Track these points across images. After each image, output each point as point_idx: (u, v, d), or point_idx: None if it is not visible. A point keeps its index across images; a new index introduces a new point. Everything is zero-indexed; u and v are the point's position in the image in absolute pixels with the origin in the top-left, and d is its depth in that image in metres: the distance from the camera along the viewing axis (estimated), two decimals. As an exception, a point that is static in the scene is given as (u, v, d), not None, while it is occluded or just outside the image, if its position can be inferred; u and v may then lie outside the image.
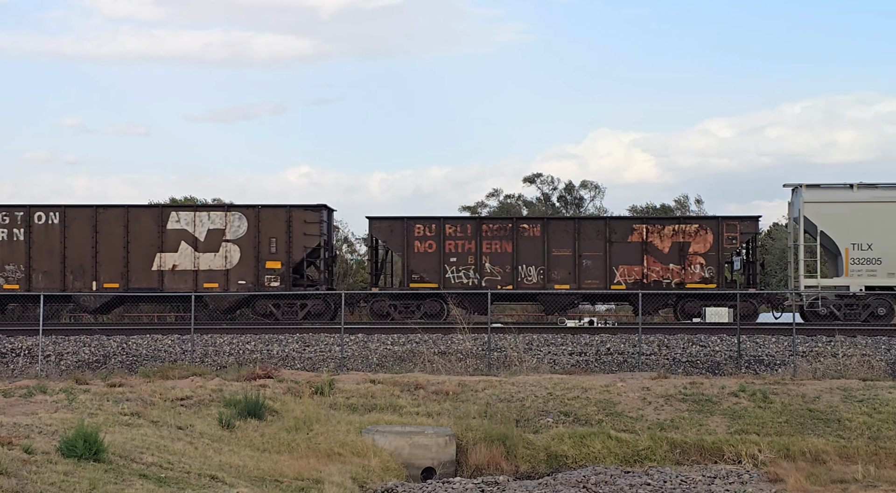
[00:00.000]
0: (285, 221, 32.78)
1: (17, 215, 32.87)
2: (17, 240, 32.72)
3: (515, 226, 32.97)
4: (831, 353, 25.89)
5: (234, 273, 32.66)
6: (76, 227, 32.79)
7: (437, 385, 21.77)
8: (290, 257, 32.75)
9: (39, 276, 32.68)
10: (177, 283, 32.62)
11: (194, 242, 32.73)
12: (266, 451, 16.99)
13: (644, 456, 18.58)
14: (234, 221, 32.77)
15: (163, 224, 32.76)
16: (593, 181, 66.03)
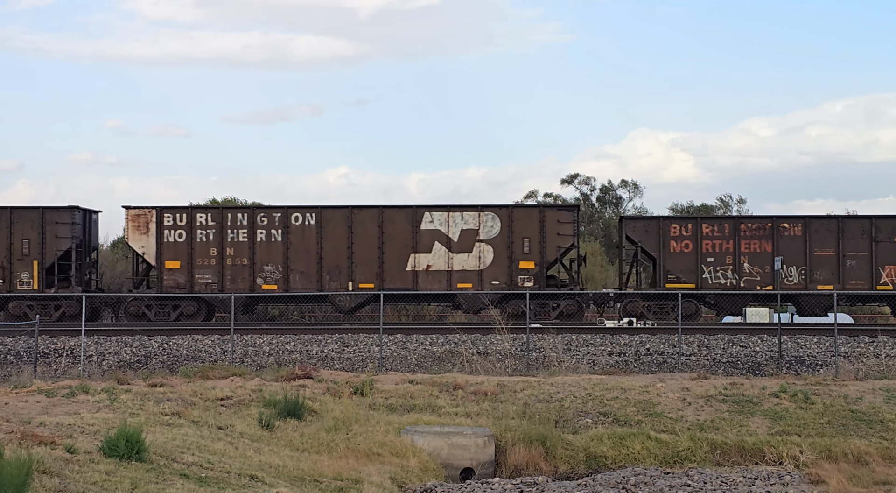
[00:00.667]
0: (538, 221, 32.80)
1: (274, 216, 33.17)
2: (275, 241, 33.04)
3: (775, 225, 32.79)
4: (874, 353, 25.65)
5: (487, 273, 32.70)
6: (332, 228, 33.03)
7: (475, 386, 21.77)
8: (543, 257, 32.75)
9: (297, 276, 33.01)
10: (430, 283, 32.76)
11: (448, 242, 32.83)
12: (305, 451, 17.04)
13: (684, 457, 18.48)
14: (487, 221, 32.81)
15: (416, 224, 32.87)
16: (632, 181, 65.74)
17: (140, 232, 33.21)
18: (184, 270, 33.01)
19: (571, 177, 65.69)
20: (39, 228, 33.20)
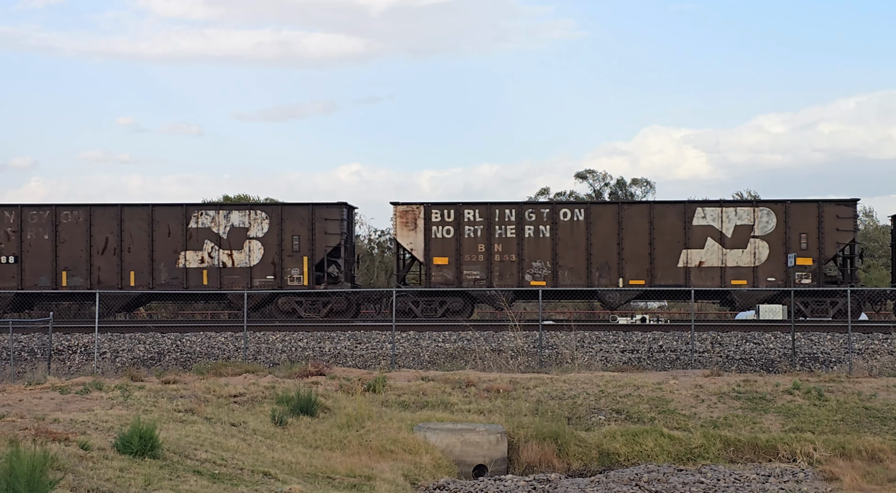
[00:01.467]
0: (816, 216, 32.33)
1: (542, 212, 33.14)
2: (543, 237, 32.94)
3: None
4: (888, 350, 25.57)
5: (762, 270, 32.35)
6: (600, 224, 32.91)
7: (488, 383, 21.76)
8: (821, 253, 32.30)
9: (565, 272, 32.94)
10: (703, 280, 32.52)
11: (721, 238, 32.60)
12: (318, 448, 17.06)
13: (697, 454, 18.45)
14: (762, 216, 32.49)
15: (688, 220, 32.63)
16: (645, 177, 65.67)
17: (408, 228, 33.16)
18: (451, 266, 32.87)
19: (587, 172, 65.67)
20: (309, 224, 33.12)
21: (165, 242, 32.64)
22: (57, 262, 32.79)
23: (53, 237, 32.76)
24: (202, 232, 32.69)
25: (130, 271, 32.58)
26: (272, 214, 32.90)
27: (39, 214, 33.01)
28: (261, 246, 32.75)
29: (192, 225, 32.68)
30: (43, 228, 32.83)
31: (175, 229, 32.62)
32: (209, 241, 32.74)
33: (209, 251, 32.64)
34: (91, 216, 32.75)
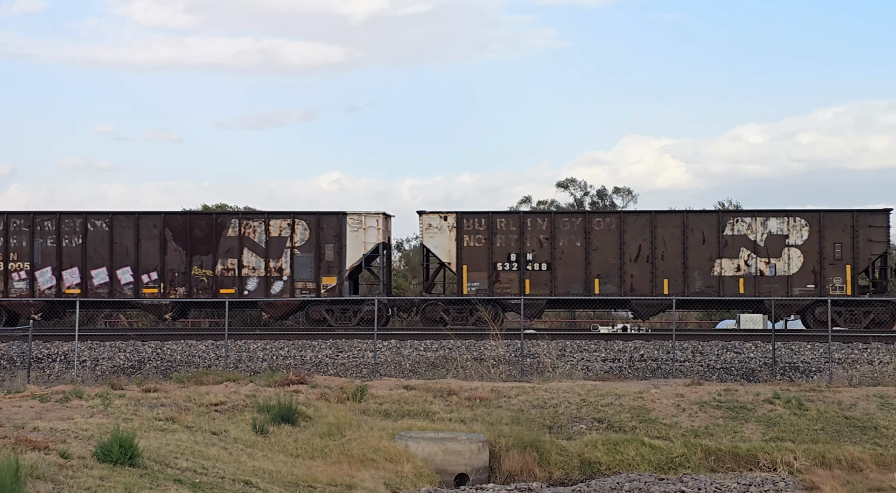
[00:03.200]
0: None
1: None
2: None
3: None
4: (867, 360, 25.68)
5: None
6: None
7: (469, 391, 21.76)
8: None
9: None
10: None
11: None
12: (299, 456, 17.03)
13: (678, 463, 18.48)
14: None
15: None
16: (626, 187, 65.81)
17: None
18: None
19: (568, 181, 65.76)
20: (852, 232, 32.16)
21: (699, 249, 32.24)
22: (589, 269, 32.44)
23: (585, 245, 32.45)
24: (738, 239, 32.25)
25: (664, 278, 32.28)
26: (811, 221, 32.37)
27: (571, 222, 32.66)
28: (800, 254, 32.46)
29: (727, 232, 32.31)
30: (575, 235, 32.44)
31: (710, 237, 32.28)
32: (745, 248, 32.21)
33: (745, 259, 32.29)
34: (623, 223, 32.35)
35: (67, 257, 32.50)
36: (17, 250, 32.52)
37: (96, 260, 32.45)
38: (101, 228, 32.53)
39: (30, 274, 32.45)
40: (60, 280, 32.45)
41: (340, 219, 32.57)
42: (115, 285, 32.42)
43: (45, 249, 32.52)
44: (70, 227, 32.53)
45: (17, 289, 32.50)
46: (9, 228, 32.51)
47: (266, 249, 32.48)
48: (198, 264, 32.45)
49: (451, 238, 32.18)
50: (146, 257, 32.44)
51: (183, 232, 32.57)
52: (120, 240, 32.51)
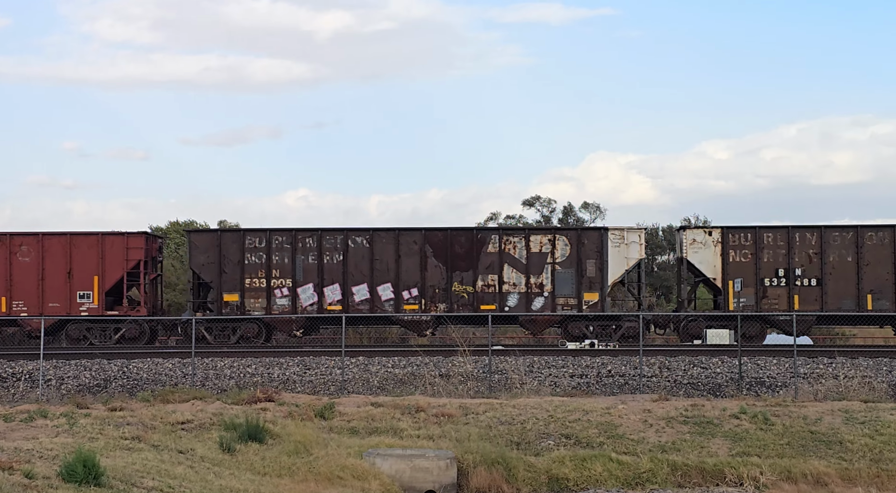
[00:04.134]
0: None
1: None
2: None
3: None
4: (832, 375, 25.87)
5: None
6: None
7: (437, 408, 21.75)
8: None
9: None
10: None
11: None
12: (267, 475, 16.95)
13: (645, 479, 18.55)
14: None
15: None
16: (594, 203, 66.06)
17: None
18: None
19: (534, 198, 65.94)
20: None
21: None
22: (861, 284, 32.10)
23: (857, 259, 32.13)
24: None
25: None
26: None
27: (842, 236, 32.40)
28: None
29: None
30: (846, 249, 32.20)
31: None
32: None
33: None
34: None
35: (329, 273, 32.76)
36: (280, 266, 32.82)
37: (357, 276, 32.82)
38: (361, 245, 32.90)
39: (291, 290, 32.79)
40: (322, 297, 32.74)
41: (602, 234, 32.84)
42: (375, 301, 32.74)
43: (307, 265, 32.86)
44: (331, 243, 32.90)
45: (280, 305, 32.80)
46: (271, 245, 32.87)
47: (527, 265, 32.65)
48: (458, 280, 32.77)
49: (716, 253, 32.38)
50: (406, 273, 32.73)
51: (443, 248, 32.86)
52: (380, 256, 32.84)
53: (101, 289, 32.86)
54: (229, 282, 32.87)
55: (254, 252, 32.83)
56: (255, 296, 32.80)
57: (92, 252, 32.99)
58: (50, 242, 33.05)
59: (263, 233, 33.02)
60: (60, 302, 32.82)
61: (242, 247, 32.86)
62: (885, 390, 24.49)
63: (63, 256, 32.96)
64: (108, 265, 32.97)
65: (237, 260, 32.86)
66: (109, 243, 33.08)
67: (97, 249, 33.01)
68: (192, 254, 33.42)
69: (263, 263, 32.77)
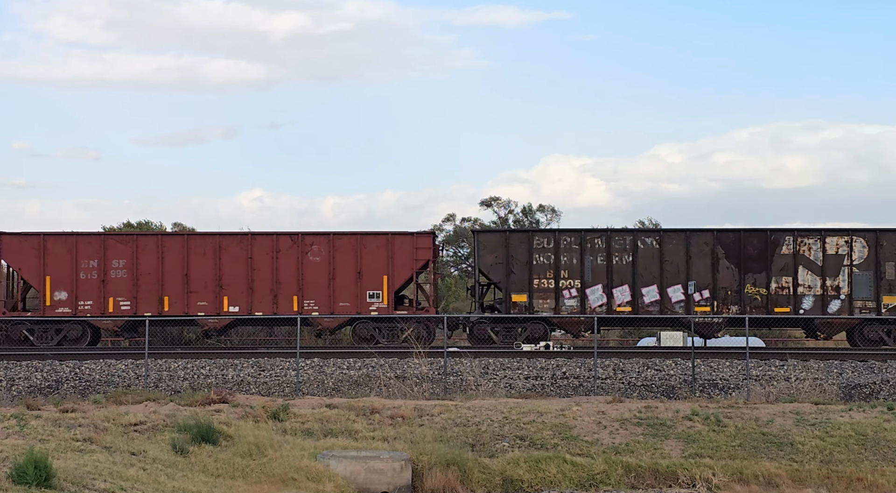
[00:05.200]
0: None
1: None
2: None
3: None
4: (784, 377, 26.11)
5: None
6: None
7: (392, 410, 21.74)
8: None
9: None
10: None
11: None
12: (220, 476, 16.86)
13: (599, 480, 18.64)
14: None
15: None
16: (550, 205, 66.32)
17: None
18: None
19: (491, 199, 66.07)
20: None
21: None
22: None
23: None
24: None
25: None
26: None
27: None
28: None
29: None
30: None
31: None
32: None
33: None
34: None
35: (618, 274, 32.65)
36: (568, 267, 32.69)
37: (647, 278, 32.64)
38: (651, 246, 32.76)
39: (580, 291, 32.69)
40: (611, 298, 32.64)
41: None
42: (665, 302, 32.57)
43: (596, 266, 32.74)
44: (620, 244, 32.78)
45: (568, 306, 32.73)
46: (559, 246, 32.78)
47: (822, 267, 32.41)
48: (750, 282, 32.50)
49: None
50: (697, 275, 32.48)
51: (734, 250, 32.63)
52: (670, 257, 32.67)
53: (391, 288, 32.97)
54: (517, 282, 32.92)
55: (542, 253, 32.92)
56: (544, 296, 32.82)
57: (381, 252, 33.02)
58: (340, 242, 33.05)
59: (551, 233, 33.22)
60: (350, 301, 32.85)
61: (530, 247, 32.95)
62: (836, 393, 24.76)
63: (353, 255, 33.01)
64: (397, 265, 33.01)
65: (525, 260, 32.93)
66: (399, 243, 33.08)
67: (386, 248, 33.04)
68: (480, 254, 33.47)
69: (552, 263, 32.84)
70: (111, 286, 32.72)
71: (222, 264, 32.87)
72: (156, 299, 32.80)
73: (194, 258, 32.88)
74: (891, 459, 19.42)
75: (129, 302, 32.75)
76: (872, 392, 25.73)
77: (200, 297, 32.82)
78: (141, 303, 32.72)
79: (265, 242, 33.04)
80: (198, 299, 32.81)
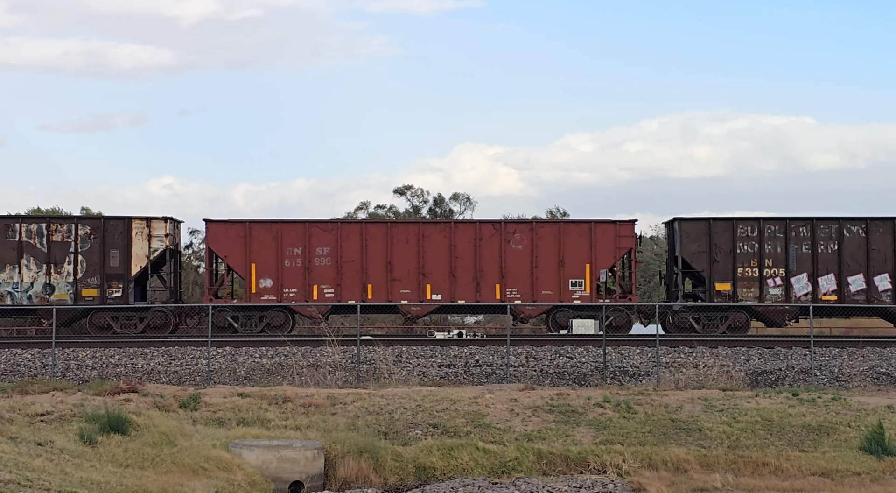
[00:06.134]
0: None
1: None
2: None
3: None
4: (693, 364, 26.51)
5: None
6: None
7: (305, 398, 21.65)
8: None
9: None
10: None
11: None
12: (129, 466, 16.65)
13: (511, 467, 18.76)
14: None
15: None
16: (464, 194, 66.46)
17: None
18: None
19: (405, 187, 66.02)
20: None
21: None
22: None
23: None
24: None
25: None
26: None
27: None
28: None
29: None
30: None
31: None
32: None
33: None
34: None
35: (823, 263, 32.40)
36: (772, 255, 32.43)
37: (853, 266, 32.41)
38: (857, 234, 32.57)
39: (784, 280, 32.42)
40: (816, 287, 32.34)
41: None
42: (871, 291, 32.42)
43: (800, 255, 32.38)
44: (825, 233, 32.59)
45: (773, 295, 32.45)
46: (763, 234, 32.48)
47: None
48: None
49: None
50: None
51: None
52: (877, 246, 32.49)
53: (593, 277, 32.77)
54: (720, 271, 32.75)
55: (745, 241, 32.77)
56: (748, 285, 32.67)
57: (583, 240, 32.86)
58: (542, 230, 33.05)
59: (755, 222, 32.91)
60: (553, 290, 32.64)
61: (734, 236, 32.78)
62: (743, 379, 25.22)
63: (555, 243, 32.84)
64: (599, 253, 32.81)
65: (728, 249, 32.77)
66: (601, 231, 32.89)
67: (588, 237, 32.86)
68: (682, 243, 33.15)
69: (755, 252, 32.66)
70: (315, 274, 32.76)
71: (424, 251, 33.03)
72: (359, 287, 32.90)
73: (396, 246, 33.01)
74: (795, 444, 19.86)
75: (332, 289, 32.81)
76: (778, 379, 26.25)
77: (403, 284, 32.95)
78: (345, 290, 32.80)
79: (467, 230, 33.28)
80: (400, 287, 32.93)
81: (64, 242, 32.42)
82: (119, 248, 32.54)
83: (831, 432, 20.28)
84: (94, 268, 32.51)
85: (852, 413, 21.06)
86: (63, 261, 32.46)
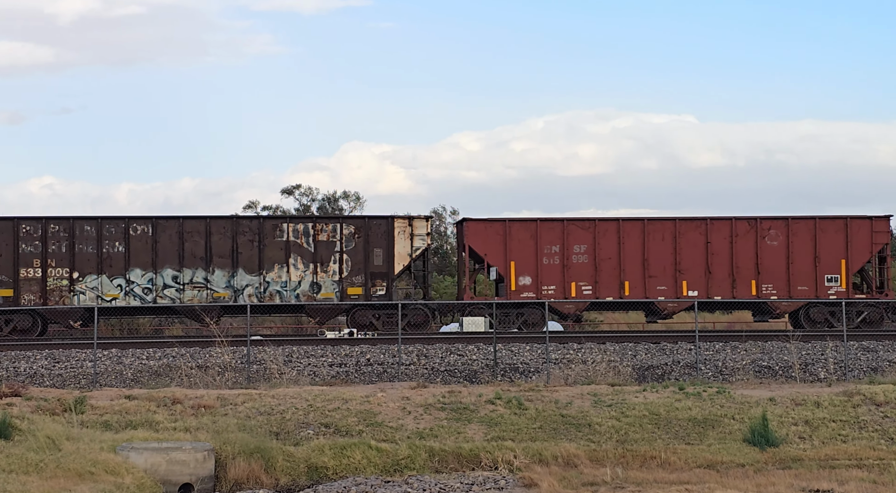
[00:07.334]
0: None
1: None
2: None
3: None
4: (581, 360, 26.84)
5: None
6: None
7: (195, 400, 21.37)
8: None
9: None
10: None
11: None
12: (13, 472, 16.25)
13: (404, 465, 18.78)
14: None
15: None
16: (353, 192, 66.23)
17: None
18: None
19: (293, 187, 65.52)
20: None
21: None
22: None
23: None
24: None
25: None
26: None
27: None
28: None
29: None
30: None
31: None
32: None
33: None
34: None
35: None
36: None
37: None
38: None
39: None
40: None
41: None
42: None
43: None
44: None
45: None
46: None
47: None
48: None
49: None
50: None
51: None
52: None
53: (849, 272, 32.64)
54: None
55: None
56: None
57: (838, 236, 32.87)
58: (797, 226, 33.40)
59: None
60: (808, 285, 32.63)
61: None
62: (630, 374, 25.61)
63: (810, 239, 32.90)
64: (854, 249, 32.80)
65: None
66: (856, 227, 32.92)
67: (844, 232, 32.80)
68: None
69: None
70: (573, 271, 32.88)
71: (680, 248, 33.14)
72: (616, 284, 32.99)
73: (652, 243, 33.11)
74: (682, 437, 20.27)
75: (590, 287, 32.95)
76: (664, 373, 26.71)
77: (659, 281, 33.10)
78: (602, 287, 32.99)
79: (722, 226, 33.45)
80: (657, 284, 33.08)
81: (329, 241, 32.88)
82: (382, 247, 32.94)
83: (716, 424, 20.75)
84: (359, 267, 32.95)
85: (736, 406, 21.57)
86: (329, 260, 32.83)
